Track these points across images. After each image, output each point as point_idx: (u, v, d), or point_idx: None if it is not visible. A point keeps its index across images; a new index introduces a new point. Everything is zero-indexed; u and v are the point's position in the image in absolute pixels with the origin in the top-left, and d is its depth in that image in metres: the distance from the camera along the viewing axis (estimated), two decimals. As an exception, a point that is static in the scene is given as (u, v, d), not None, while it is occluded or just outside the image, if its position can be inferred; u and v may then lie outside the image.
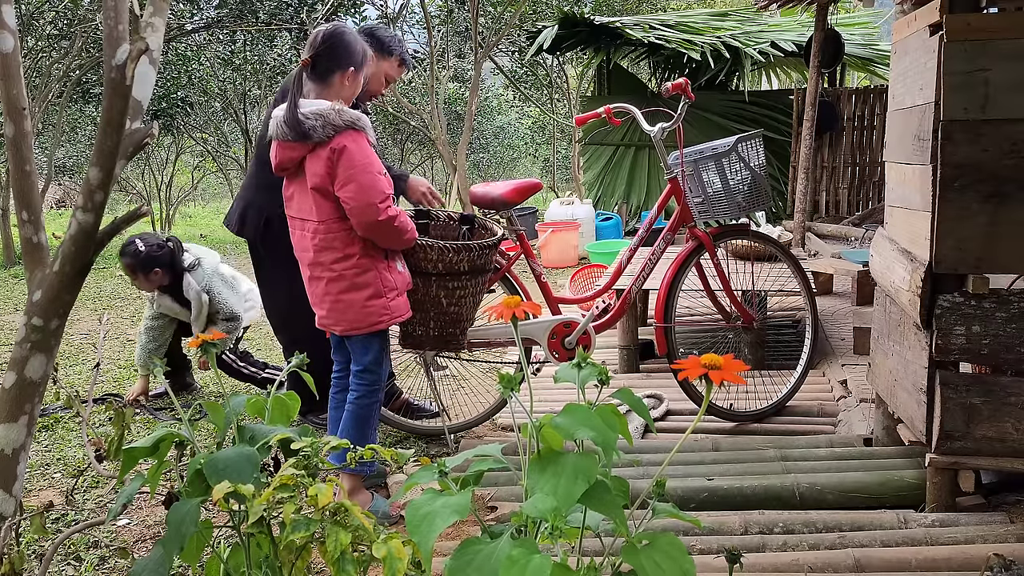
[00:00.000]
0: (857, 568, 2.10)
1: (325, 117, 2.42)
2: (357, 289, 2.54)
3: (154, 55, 1.59)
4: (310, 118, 2.42)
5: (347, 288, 2.54)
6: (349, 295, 2.54)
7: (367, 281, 2.55)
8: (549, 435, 1.25)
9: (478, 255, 2.81)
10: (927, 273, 2.26)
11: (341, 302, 2.55)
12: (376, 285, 2.56)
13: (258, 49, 11.71)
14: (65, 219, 15.23)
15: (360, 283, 2.54)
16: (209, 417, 1.61)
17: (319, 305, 2.62)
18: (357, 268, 2.53)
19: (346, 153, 2.43)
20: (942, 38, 2.17)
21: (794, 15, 8.95)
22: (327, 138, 2.42)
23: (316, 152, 2.45)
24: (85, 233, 1.57)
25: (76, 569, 2.40)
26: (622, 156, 8.84)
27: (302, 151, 2.46)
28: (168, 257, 3.83)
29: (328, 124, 2.42)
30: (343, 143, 2.43)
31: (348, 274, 2.53)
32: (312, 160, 2.47)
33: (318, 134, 2.41)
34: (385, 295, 2.58)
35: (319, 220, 2.50)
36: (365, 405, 2.66)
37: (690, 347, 4.20)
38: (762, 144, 3.25)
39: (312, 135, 2.42)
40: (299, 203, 2.56)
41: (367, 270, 2.55)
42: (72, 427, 3.59)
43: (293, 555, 1.43)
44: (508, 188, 3.08)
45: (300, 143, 2.44)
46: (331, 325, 2.62)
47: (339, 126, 2.43)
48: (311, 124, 2.41)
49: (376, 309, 2.57)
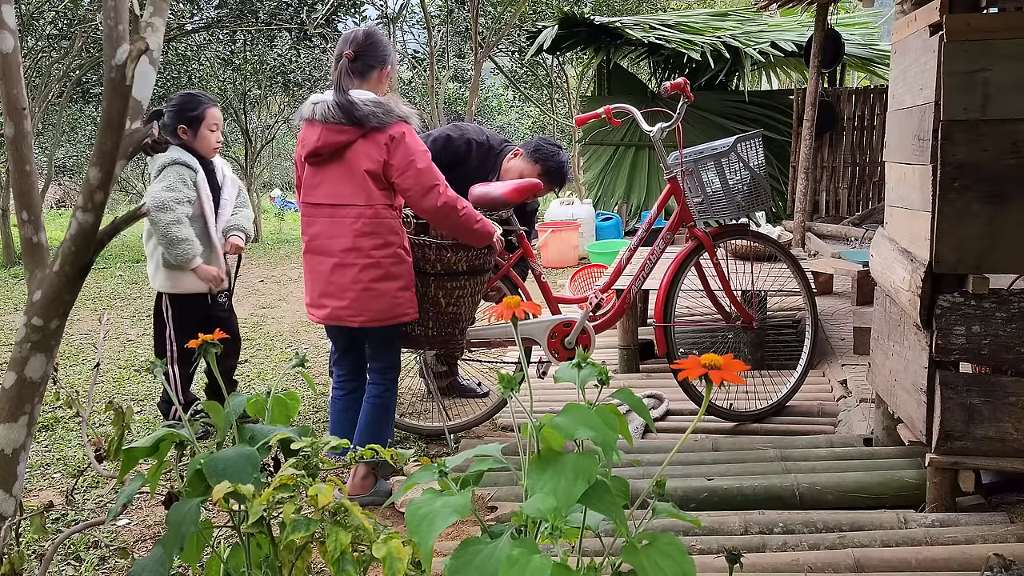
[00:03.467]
0: (857, 568, 2.10)
1: (385, 105, 2.55)
2: (391, 279, 2.61)
3: (154, 55, 1.59)
4: (368, 104, 2.52)
5: (381, 276, 2.60)
6: (382, 284, 2.60)
7: (400, 272, 2.63)
8: (549, 435, 1.25)
9: (476, 255, 2.81)
10: (927, 273, 2.26)
11: (372, 290, 2.59)
12: (407, 278, 2.65)
13: (258, 49, 11.72)
14: (65, 219, 15.23)
15: (395, 273, 2.61)
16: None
17: (340, 295, 2.61)
18: (395, 258, 2.61)
19: (405, 141, 2.55)
20: (942, 38, 2.17)
21: (794, 15, 8.94)
22: (383, 125, 2.53)
23: (371, 138, 2.54)
24: (85, 233, 1.56)
25: (76, 569, 2.40)
26: (622, 156, 8.83)
27: (352, 135, 2.54)
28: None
29: (389, 112, 2.54)
30: (402, 130, 2.55)
31: (385, 262, 2.59)
32: (366, 144, 2.55)
33: (377, 119, 2.52)
34: (412, 289, 2.67)
35: (367, 204, 2.57)
36: (389, 399, 2.74)
37: (690, 347, 4.19)
38: (762, 144, 3.25)
39: (369, 120, 2.52)
40: (335, 189, 2.59)
41: (403, 261, 2.64)
42: (72, 427, 3.59)
43: (293, 555, 1.43)
44: (508, 188, 3.08)
45: (353, 127, 2.53)
46: (350, 316, 2.62)
47: (399, 116, 2.56)
48: (369, 110, 2.52)
49: (404, 301, 2.65)
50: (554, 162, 3.36)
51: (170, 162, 3.21)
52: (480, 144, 3.43)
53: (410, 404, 3.76)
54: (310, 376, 1.88)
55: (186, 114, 3.28)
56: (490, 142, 3.47)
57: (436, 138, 3.39)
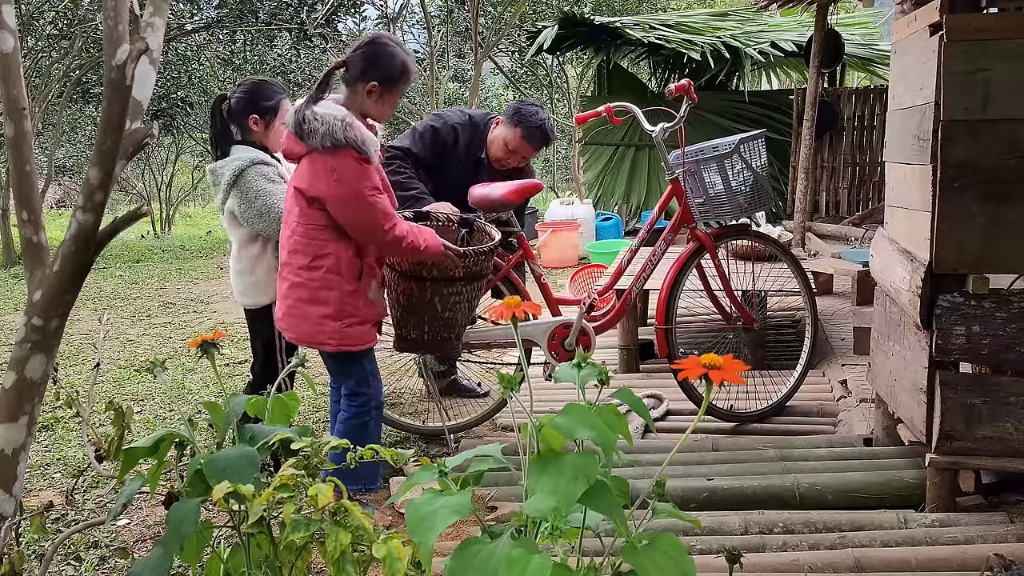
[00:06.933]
0: (857, 568, 2.10)
1: (329, 125, 2.29)
2: (315, 303, 2.44)
3: (154, 55, 1.59)
4: (316, 120, 2.30)
5: (306, 299, 2.45)
6: (306, 306, 2.45)
7: (327, 299, 2.44)
8: (549, 435, 1.25)
9: (473, 261, 2.77)
10: (927, 273, 2.26)
11: (297, 310, 2.47)
12: (336, 306, 2.44)
13: (258, 49, 11.72)
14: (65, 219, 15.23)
15: (320, 298, 2.44)
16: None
17: (280, 304, 2.55)
18: (321, 282, 2.43)
19: (344, 176, 2.32)
20: (942, 38, 2.17)
21: (794, 15, 8.94)
22: (324, 148, 2.31)
23: (313, 158, 2.35)
24: (85, 233, 1.56)
25: (76, 569, 2.40)
26: (622, 156, 8.84)
27: (301, 150, 2.38)
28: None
29: (328, 135, 2.29)
30: (342, 164, 2.31)
31: (311, 284, 2.43)
32: (309, 164, 2.37)
33: (315, 140, 2.30)
34: (342, 319, 2.46)
35: (298, 222, 2.42)
36: (354, 426, 2.56)
37: (690, 347, 4.19)
38: (764, 144, 3.24)
39: (309, 139, 2.31)
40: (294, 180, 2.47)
41: (330, 287, 2.43)
42: (72, 427, 3.59)
43: (293, 555, 1.43)
44: (508, 189, 3.07)
45: (301, 141, 2.35)
46: (285, 329, 2.56)
47: (339, 142, 2.30)
48: (313, 127, 2.29)
49: (327, 330, 2.46)
50: (534, 121, 3.30)
51: (248, 164, 2.76)
52: (464, 126, 3.41)
53: (410, 404, 3.76)
54: (310, 376, 1.87)
55: (260, 103, 2.83)
56: (473, 120, 3.45)
57: (422, 133, 3.38)
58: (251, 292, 2.87)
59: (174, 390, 4.09)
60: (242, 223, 2.80)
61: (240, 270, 2.86)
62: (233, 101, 2.83)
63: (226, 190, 2.77)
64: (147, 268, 8.88)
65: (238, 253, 2.86)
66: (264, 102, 2.83)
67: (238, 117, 2.82)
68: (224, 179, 2.76)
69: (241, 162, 2.75)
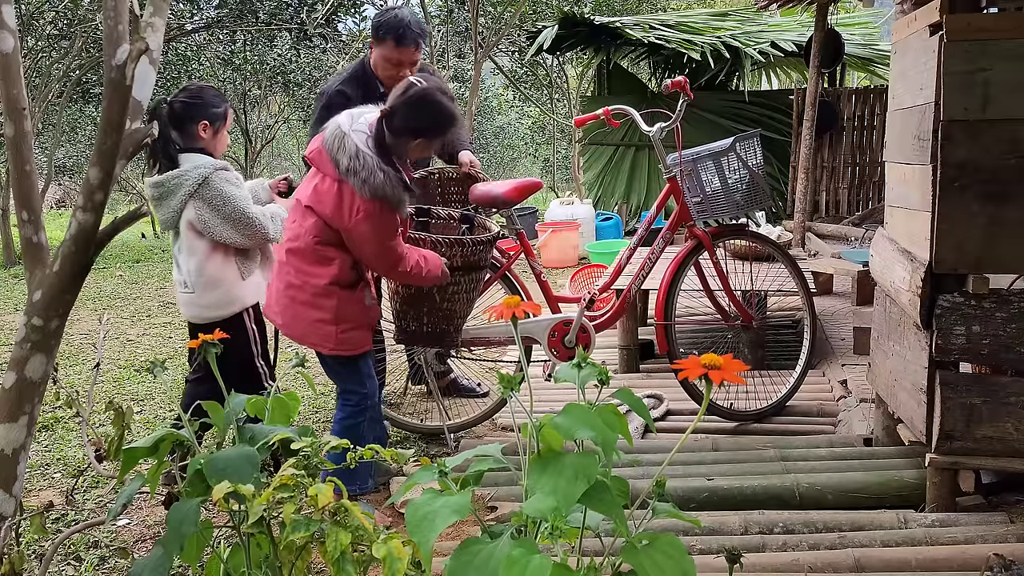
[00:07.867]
0: (857, 568, 2.10)
1: (371, 172, 2.31)
2: (311, 307, 2.50)
3: (154, 55, 1.59)
4: (357, 159, 2.32)
5: (304, 301, 2.50)
6: (301, 308, 2.51)
7: (322, 304, 2.50)
8: (549, 435, 1.25)
9: (471, 251, 2.80)
10: (927, 273, 2.26)
11: (292, 309, 2.52)
12: (332, 312, 2.50)
13: (258, 49, 11.71)
14: (65, 219, 15.23)
15: (316, 303, 2.50)
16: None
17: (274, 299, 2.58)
18: (322, 289, 2.49)
19: (368, 219, 2.36)
20: (942, 38, 2.17)
21: (794, 15, 8.94)
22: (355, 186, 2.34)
23: (342, 188, 2.36)
24: (85, 233, 1.57)
25: (76, 569, 2.40)
26: (622, 156, 8.83)
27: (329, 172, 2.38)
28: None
29: (367, 183, 2.32)
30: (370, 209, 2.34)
31: (311, 289, 2.49)
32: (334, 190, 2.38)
33: (352, 180, 2.33)
34: (336, 324, 2.51)
35: (307, 231, 2.46)
36: (349, 426, 2.60)
37: (690, 347, 4.19)
38: (760, 143, 3.25)
39: (345, 175, 2.34)
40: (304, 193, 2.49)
41: (329, 295, 2.49)
42: (72, 427, 3.59)
43: (293, 555, 1.43)
44: (509, 187, 3.09)
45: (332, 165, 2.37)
46: (280, 325, 2.60)
47: (376, 193, 2.32)
48: (353, 167, 2.32)
49: (321, 333, 2.52)
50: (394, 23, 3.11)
51: (212, 170, 2.70)
52: (347, 80, 3.24)
53: (410, 404, 3.76)
54: (310, 376, 1.88)
55: (210, 109, 2.77)
56: (352, 71, 3.28)
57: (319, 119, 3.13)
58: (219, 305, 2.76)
59: (174, 390, 4.09)
60: (205, 232, 2.70)
61: (205, 283, 2.74)
62: (179, 106, 2.73)
63: (183, 200, 2.68)
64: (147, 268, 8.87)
65: (200, 267, 2.74)
66: (214, 108, 2.78)
67: (186, 123, 2.74)
68: (183, 189, 2.67)
69: (204, 169, 2.68)
